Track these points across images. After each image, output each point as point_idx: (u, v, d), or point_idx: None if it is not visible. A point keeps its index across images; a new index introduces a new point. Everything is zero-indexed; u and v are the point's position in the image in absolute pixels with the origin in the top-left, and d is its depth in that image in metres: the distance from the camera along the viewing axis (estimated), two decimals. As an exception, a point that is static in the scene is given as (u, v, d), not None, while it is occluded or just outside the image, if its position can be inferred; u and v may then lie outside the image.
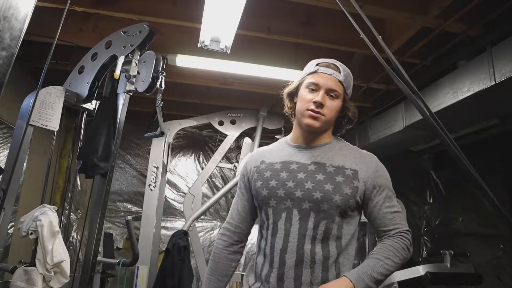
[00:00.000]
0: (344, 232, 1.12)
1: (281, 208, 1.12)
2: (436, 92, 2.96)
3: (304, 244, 1.08)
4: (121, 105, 1.90)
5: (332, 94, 1.16)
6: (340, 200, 1.08)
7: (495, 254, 4.34)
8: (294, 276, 1.07)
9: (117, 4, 2.38)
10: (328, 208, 1.08)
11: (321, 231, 1.08)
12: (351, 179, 1.12)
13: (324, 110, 1.14)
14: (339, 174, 1.12)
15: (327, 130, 1.21)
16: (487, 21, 2.29)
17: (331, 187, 1.09)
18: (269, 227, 1.14)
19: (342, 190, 1.09)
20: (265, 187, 1.16)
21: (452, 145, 0.85)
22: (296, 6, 2.48)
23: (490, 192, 0.84)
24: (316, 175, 1.12)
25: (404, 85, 0.94)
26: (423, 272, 2.71)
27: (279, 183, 1.14)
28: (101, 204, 1.79)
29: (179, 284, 3.00)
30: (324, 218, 1.09)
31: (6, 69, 0.78)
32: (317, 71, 1.18)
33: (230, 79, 3.43)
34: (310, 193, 1.10)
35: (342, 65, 1.24)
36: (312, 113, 1.13)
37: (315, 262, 1.07)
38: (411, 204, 5.14)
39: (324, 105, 1.13)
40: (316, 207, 1.09)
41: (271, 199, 1.14)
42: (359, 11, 1.06)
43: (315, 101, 1.13)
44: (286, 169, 1.16)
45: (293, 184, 1.12)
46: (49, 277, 1.63)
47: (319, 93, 1.14)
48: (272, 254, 1.11)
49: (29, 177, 3.54)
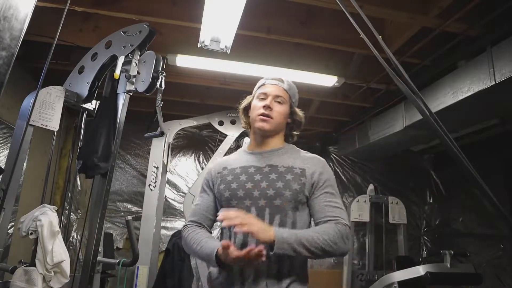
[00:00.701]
0: (298, 225, 1.23)
1: (240, 207, 1.24)
2: (436, 92, 2.97)
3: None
4: (121, 105, 1.90)
5: (279, 100, 1.33)
6: (290, 195, 1.22)
7: (495, 254, 4.35)
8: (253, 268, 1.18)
9: (117, 4, 2.38)
10: (280, 203, 1.22)
11: (276, 224, 1.20)
12: (299, 176, 1.26)
13: (273, 113, 1.30)
14: (288, 172, 1.27)
15: (277, 134, 1.37)
16: (487, 21, 2.29)
17: (282, 184, 1.24)
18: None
19: (291, 186, 1.23)
20: (227, 189, 1.29)
21: (452, 145, 0.85)
22: (296, 6, 2.48)
23: (490, 192, 0.84)
24: (269, 175, 1.27)
25: (404, 85, 0.94)
26: (423, 272, 2.72)
27: (239, 185, 1.28)
28: (101, 204, 1.79)
29: (179, 284, 3.00)
30: (278, 212, 1.22)
31: (6, 69, 0.78)
32: (265, 84, 1.37)
33: (230, 79, 3.43)
34: (265, 191, 1.24)
35: (287, 78, 1.41)
36: (262, 116, 1.30)
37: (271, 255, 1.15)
38: (411, 204, 5.14)
39: (272, 108, 1.30)
40: (270, 203, 1.22)
41: (233, 199, 1.27)
42: (359, 11, 1.06)
43: (264, 105, 1.30)
44: (245, 172, 1.30)
45: (251, 185, 1.26)
46: (49, 277, 1.63)
47: (267, 99, 1.32)
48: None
49: (29, 177, 3.54)
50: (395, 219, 4.40)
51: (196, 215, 1.37)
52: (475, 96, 2.58)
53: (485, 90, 2.48)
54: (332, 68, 3.13)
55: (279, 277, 1.18)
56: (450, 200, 5.13)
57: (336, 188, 1.30)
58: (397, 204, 4.46)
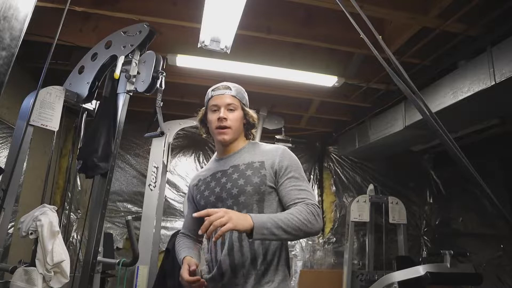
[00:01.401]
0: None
1: None
2: (436, 92, 2.97)
3: (232, 234, 1.28)
4: (121, 105, 1.90)
5: (231, 107, 1.39)
6: (252, 189, 1.29)
7: (495, 254, 4.35)
8: (229, 262, 1.28)
9: (117, 4, 2.39)
10: (245, 199, 1.29)
11: None
12: (258, 170, 1.32)
13: (228, 122, 1.37)
14: (248, 169, 1.34)
15: (238, 138, 1.43)
16: (487, 21, 2.29)
17: (243, 181, 1.31)
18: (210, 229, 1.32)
19: (252, 181, 1.30)
20: (202, 198, 1.40)
21: (452, 145, 0.85)
22: (296, 6, 2.48)
23: (490, 192, 0.84)
24: (232, 175, 1.35)
25: (404, 85, 0.94)
26: (423, 272, 2.72)
27: (210, 191, 1.38)
28: (101, 204, 1.79)
29: (179, 284, 2.99)
30: (244, 208, 1.28)
31: (6, 69, 0.78)
32: (213, 96, 1.42)
33: (230, 79, 3.41)
34: (230, 191, 1.32)
35: (231, 83, 1.48)
36: (219, 130, 1.37)
37: (243, 246, 1.27)
38: (411, 204, 5.14)
39: (227, 118, 1.36)
40: (236, 201, 1.30)
41: (207, 206, 1.35)
42: (359, 11, 1.06)
43: (219, 117, 1.36)
44: (214, 179, 1.40)
45: (219, 189, 1.35)
46: (49, 277, 1.63)
47: (220, 111, 1.38)
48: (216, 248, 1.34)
49: (29, 177, 3.54)
50: (395, 219, 4.40)
51: (186, 228, 1.53)
52: (475, 96, 2.58)
53: (485, 90, 2.48)
54: (332, 68, 3.13)
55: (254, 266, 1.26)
56: (450, 200, 5.13)
57: (301, 172, 1.35)
58: (397, 204, 4.46)
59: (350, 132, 4.62)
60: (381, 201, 4.46)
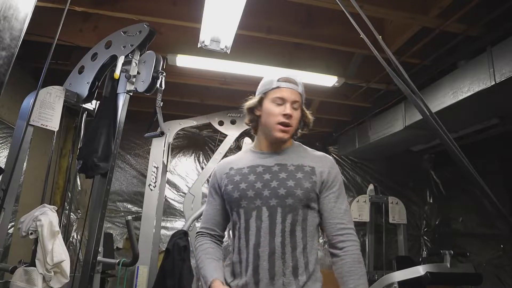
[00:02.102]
0: (309, 223, 1.23)
1: (251, 207, 1.23)
2: (436, 92, 2.96)
3: (274, 237, 1.18)
4: (121, 105, 1.90)
5: (295, 106, 1.27)
6: (302, 194, 1.21)
7: (495, 254, 4.35)
8: (268, 268, 1.17)
9: (117, 4, 2.38)
10: (292, 202, 1.20)
11: (288, 223, 1.19)
12: (309, 175, 1.25)
13: (292, 121, 1.26)
14: (299, 171, 1.25)
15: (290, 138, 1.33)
16: (487, 21, 2.29)
17: (293, 183, 1.22)
18: (241, 226, 1.24)
19: (303, 185, 1.22)
20: (236, 190, 1.26)
21: (452, 145, 0.85)
22: (296, 6, 2.48)
23: (490, 192, 0.84)
24: (279, 174, 1.25)
25: (404, 85, 0.94)
26: (423, 272, 2.72)
27: (249, 185, 1.25)
28: (101, 204, 1.79)
29: (179, 284, 2.99)
30: (290, 211, 1.20)
31: (6, 69, 0.78)
32: (280, 87, 1.27)
33: (230, 79, 3.43)
34: (276, 191, 1.22)
35: (297, 76, 1.33)
36: (282, 126, 1.25)
37: (285, 253, 1.18)
38: (411, 204, 5.14)
39: (292, 116, 1.25)
40: (282, 202, 1.21)
41: (242, 200, 1.24)
42: (359, 11, 1.06)
43: (286, 114, 1.24)
44: (253, 172, 1.28)
45: (261, 184, 1.24)
46: (49, 277, 1.63)
47: (285, 106, 1.25)
48: (247, 250, 1.21)
49: (29, 177, 3.54)
50: (395, 219, 4.40)
51: (208, 221, 1.36)
52: (475, 96, 2.58)
53: (485, 90, 2.48)
54: (332, 68, 3.12)
55: (295, 275, 1.17)
56: (450, 200, 5.13)
57: (343, 187, 1.30)
58: (397, 204, 4.46)
59: (350, 132, 4.62)
60: (381, 201, 4.46)
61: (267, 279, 1.16)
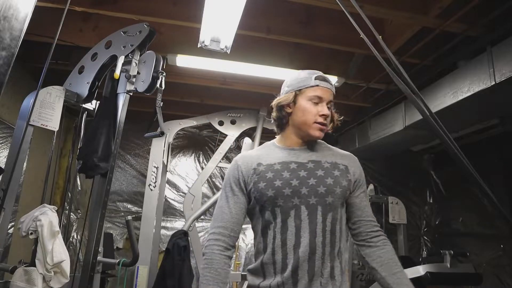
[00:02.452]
0: (343, 222, 1.24)
1: (288, 206, 1.17)
2: (436, 92, 2.96)
3: (316, 237, 1.14)
4: (121, 105, 1.90)
5: (329, 106, 1.27)
6: (341, 192, 1.20)
7: (495, 254, 4.35)
8: (307, 268, 1.13)
9: (117, 4, 2.38)
10: (332, 200, 1.18)
11: (329, 222, 1.17)
12: (345, 173, 1.24)
13: (327, 121, 1.27)
14: (335, 169, 1.23)
15: None
16: (487, 21, 2.29)
17: (332, 181, 1.20)
18: (277, 226, 1.17)
19: (341, 183, 1.21)
20: (270, 188, 1.17)
21: (452, 145, 0.85)
22: (296, 6, 2.48)
23: (490, 192, 0.84)
24: (316, 171, 1.21)
25: (404, 85, 0.94)
26: (423, 272, 2.71)
27: (284, 182, 1.18)
28: (101, 204, 1.79)
29: (179, 284, 2.99)
30: (330, 210, 1.18)
31: (6, 69, 0.78)
32: (319, 86, 1.26)
33: (230, 79, 3.43)
34: (315, 188, 1.17)
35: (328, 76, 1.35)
36: (320, 125, 1.24)
37: (325, 253, 1.15)
38: (411, 204, 5.14)
39: (328, 117, 1.26)
40: (322, 200, 1.17)
41: (278, 198, 1.17)
42: (359, 11, 1.06)
43: (324, 114, 1.23)
44: (287, 169, 1.21)
45: (298, 182, 1.18)
46: (49, 277, 1.63)
47: (322, 105, 1.25)
48: (285, 250, 1.15)
49: (29, 177, 3.54)
50: (395, 219, 4.40)
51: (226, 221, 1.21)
52: (475, 96, 2.58)
53: (485, 90, 2.47)
54: (332, 68, 3.12)
55: (332, 276, 1.16)
56: (450, 200, 5.13)
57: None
58: (397, 204, 4.46)
59: (350, 132, 4.62)
60: (381, 201, 4.46)
61: (305, 280, 1.12)
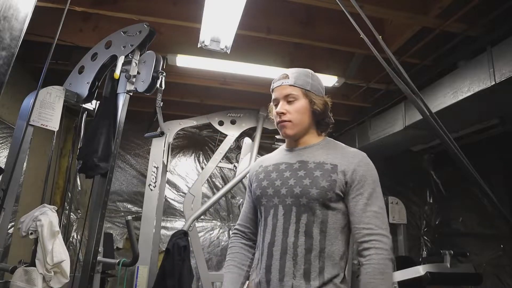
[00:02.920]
0: (329, 225, 1.16)
1: (270, 205, 1.23)
2: (436, 92, 2.96)
3: (287, 237, 1.15)
4: (121, 105, 1.90)
5: (289, 99, 1.25)
6: (317, 193, 1.15)
7: (495, 254, 4.35)
8: (279, 268, 1.14)
9: (117, 4, 2.38)
10: (307, 202, 1.15)
11: (303, 224, 1.15)
12: (329, 173, 1.17)
13: (288, 115, 1.24)
14: (317, 169, 1.19)
15: (307, 133, 1.29)
16: (487, 21, 2.29)
17: (309, 182, 1.17)
18: (261, 224, 1.26)
19: (319, 184, 1.16)
20: (258, 188, 1.28)
21: (452, 145, 0.85)
22: (296, 6, 2.48)
23: (490, 192, 0.84)
24: (298, 172, 1.21)
25: (404, 85, 0.94)
26: (423, 272, 2.72)
27: (269, 182, 1.25)
28: (101, 204, 1.79)
29: (179, 284, 3.00)
30: (305, 211, 1.16)
31: (6, 69, 0.78)
32: (273, 89, 1.31)
33: (230, 79, 3.43)
34: (292, 189, 1.19)
35: (293, 69, 1.30)
36: (280, 124, 1.26)
37: (297, 255, 1.13)
38: (411, 204, 5.14)
39: (285, 112, 1.24)
40: (296, 201, 1.17)
41: (263, 197, 1.25)
42: (359, 11, 1.07)
43: (276, 112, 1.27)
44: (276, 170, 1.27)
45: (280, 182, 1.22)
46: (49, 277, 1.63)
47: (279, 105, 1.27)
48: (263, 247, 1.21)
49: (29, 177, 3.54)
50: (395, 219, 4.39)
51: (241, 219, 1.41)
52: (475, 96, 2.58)
53: (485, 90, 2.47)
54: (332, 68, 3.12)
55: (307, 279, 1.11)
56: (450, 200, 5.13)
57: (376, 187, 1.18)
58: (397, 204, 4.46)
59: (350, 132, 4.62)
60: (381, 201, 4.45)
61: (277, 279, 1.13)
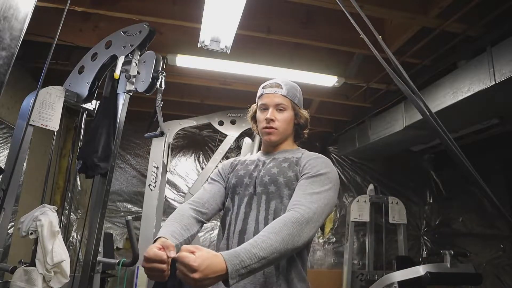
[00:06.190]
0: None
1: (244, 194, 1.27)
2: (436, 92, 2.96)
3: (259, 224, 1.18)
4: (121, 105, 1.90)
5: (280, 107, 1.32)
6: (284, 181, 1.22)
7: (495, 254, 4.35)
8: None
9: (117, 4, 2.39)
10: (275, 189, 1.22)
11: (271, 211, 1.20)
12: (293, 165, 1.27)
13: (276, 123, 1.31)
14: (285, 162, 1.29)
15: (286, 140, 1.38)
16: (487, 21, 2.29)
17: (277, 171, 1.26)
18: (233, 212, 1.27)
19: (286, 173, 1.24)
20: (235, 177, 1.33)
21: (452, 145, 0.85)
22: (296, 6, 2.48)
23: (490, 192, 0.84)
24: (269, 164, 1.31)
25: (404, 85, 0.94)
26: (423, 272, 2.72)
27: (246, 173, 1.32)
28: (101, 204, 1.79)
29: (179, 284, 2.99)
30: (273, 198, 1.22)
31: (6, 69, 0.78)
32: (263, 94, 1.36)
33: (230, 79, 3.43)
34: (262, 178, 1.27)
35: (284, 80, 1.38)
36: (266, 129, 1.32)
37: None
38: (411, 204, 5.14)
39: (274, 119, 1.30)
40: (265, 189, 1.24)
41: (238, 186, 1.30)
42: (359, 11, 1.06)
43: (266, 118, 1.31)
44: (253, 164, 1.36)
45: (255, 173, 1.30)
46: (49, 277, 1.63)
47: (268, 111, 1.32)
48: (234, 235, 1.21)
49: (29, 177, 3.54)
50: (395, 219, 4.40)
51: (200, 198, 1.30)
52: (475, 96, 2.58)
53: (485, 90, 2.48)
54: (332, 68, 3.13)
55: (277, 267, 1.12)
56: (450, 200, 5.13)
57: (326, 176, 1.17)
58: (397, 204, 4.46)
59: (350, 132, 4.62)
60: (381, 201, 4.46)
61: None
